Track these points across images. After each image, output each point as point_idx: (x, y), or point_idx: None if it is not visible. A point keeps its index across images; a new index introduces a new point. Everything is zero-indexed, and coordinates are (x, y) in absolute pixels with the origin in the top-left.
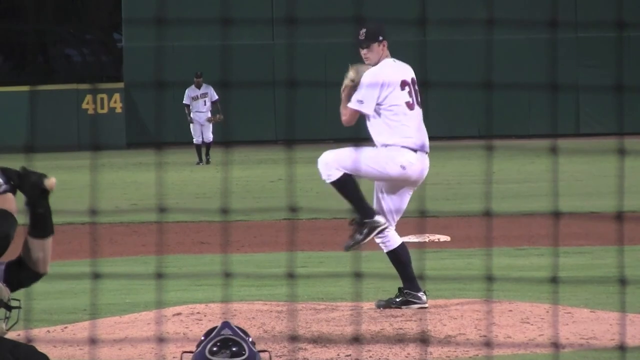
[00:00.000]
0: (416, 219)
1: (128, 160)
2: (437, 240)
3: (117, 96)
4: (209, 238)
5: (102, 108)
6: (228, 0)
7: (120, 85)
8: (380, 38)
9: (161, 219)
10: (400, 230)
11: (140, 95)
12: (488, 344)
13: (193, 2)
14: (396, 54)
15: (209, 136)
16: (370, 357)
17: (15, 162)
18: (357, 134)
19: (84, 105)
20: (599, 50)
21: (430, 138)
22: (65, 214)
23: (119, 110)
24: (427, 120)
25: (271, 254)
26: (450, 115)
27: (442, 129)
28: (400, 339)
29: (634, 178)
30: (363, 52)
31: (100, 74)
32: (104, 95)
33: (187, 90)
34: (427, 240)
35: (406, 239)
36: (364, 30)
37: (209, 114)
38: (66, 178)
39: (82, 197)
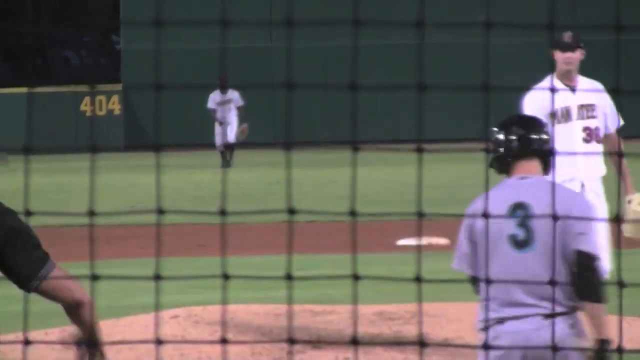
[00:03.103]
0: (414, 222)
1: (126, 163)
2: (436, 244)
3: (115, 98)
4: (206, 240)
5: (101, 110)
6: (227, 3)
7: (119, 87)
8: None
9: (159, 222)
10: (399, 233)
11: (138, 98)
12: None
13: (191, 5)
14: (395, 56)
15: (233, 138)
16: (367, 359)
17: (14, 164)
18: (355, 137)
19: (82, 107)
20: (597, 53)
21: (431, 140)
22: (63, 216)
23: (117, 112)
24: (428, 122)
25: (269, 256)
26: (451, 118)
27: (442, 131)
28: (398, 342)
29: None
30: (569, 55)
31: (98, 75)
32: (102, 97)
33: (211, 95)
34: (425, 243)
35: (404, 242)
36: (569, 33)
37: (236, 121)
38: (64, 180)
39: (80, 199)
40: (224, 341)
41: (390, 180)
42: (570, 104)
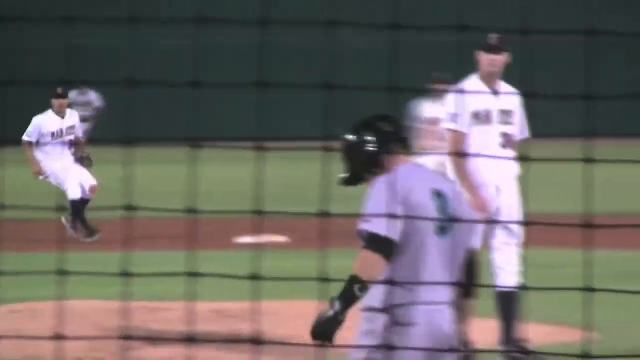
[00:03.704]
0: (254, 220)
1: None
2: (275, 242)
3: None
4: (44, 236)
5: None
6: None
7: None
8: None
9: None
10: (237, 230)
11: None
12: (323, 345)
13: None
14: (240, 54)
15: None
16: (204, 357)
17: None
18: (195, 135)
19: None
20: (446, 54)
21: (277, 139)
22: None
23: None
24: (272, 121)
25: (108, 253)
26: (294, 116)
27: (287, 130)
28: (235, 340)
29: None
30: (494, 57)
31: None
32: None
33: (70, 95)
34: (264, 241)
35: (243, 239)
36: (496, 35)
37: (92, 122)
38: None
39: None
40: (60, 337)
41: (248, 177)
42: (491, 107)
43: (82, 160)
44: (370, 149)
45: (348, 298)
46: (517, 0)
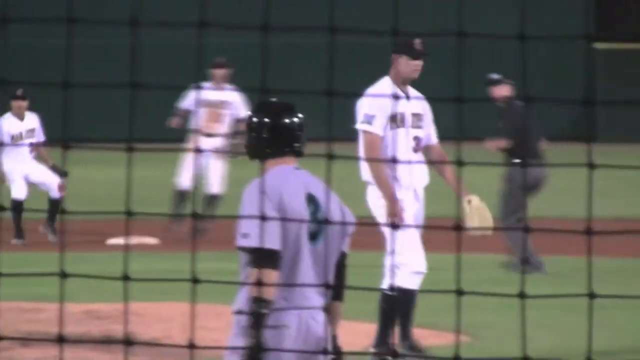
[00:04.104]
0: (124, 220)
1: None
2: (145, 243)
3: None
4: None
5: None
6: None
7: None
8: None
9: None
10: (108, 232)
11: None
12: (192, 346)
13: None
14: (107, 57)
15: None
16: (75, 357)
17: None
18: (67, 135)
19: None
20: (304, 56)
21: (146, 140)
22: None
23: None
24: (143, 121)
25: None
26: (164, 119)
27: (157, 132)
28: (106, 341)
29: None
30: (419, 63)
31: None
32: None
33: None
34: (134, 242)
35: (113, 241)
36: (420, 40)
37: None
38: None
39: None
40: None
41: (119, 178)
42: (405, 110)
43: (55, 169)
44: (260, 140)
45: (257, 320)
46: (387, 2)
